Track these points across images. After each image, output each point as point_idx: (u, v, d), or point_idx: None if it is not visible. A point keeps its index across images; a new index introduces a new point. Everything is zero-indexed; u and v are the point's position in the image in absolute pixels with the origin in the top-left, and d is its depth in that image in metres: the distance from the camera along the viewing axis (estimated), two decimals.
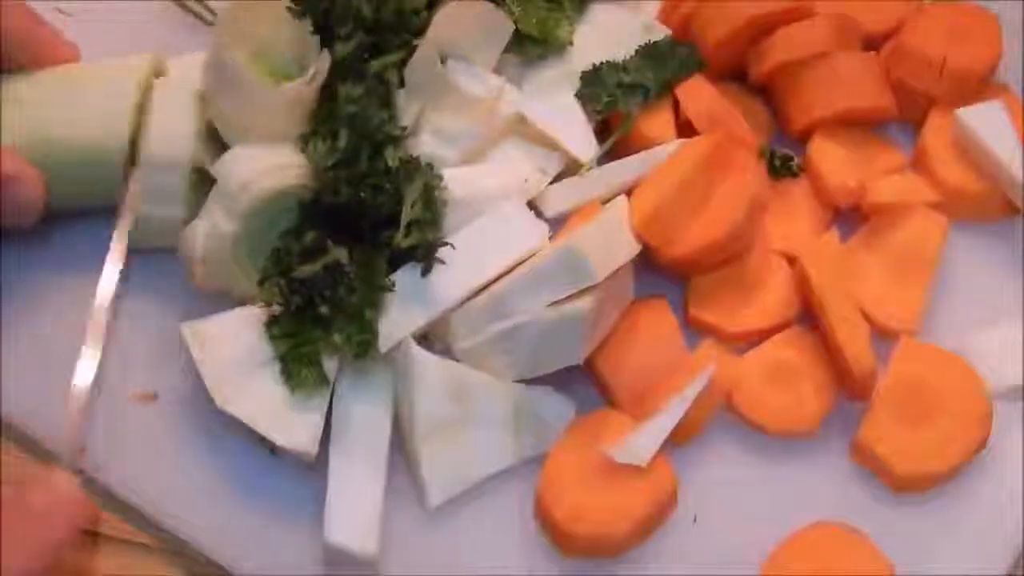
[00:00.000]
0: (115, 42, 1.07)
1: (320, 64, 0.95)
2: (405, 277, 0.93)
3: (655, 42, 1.03)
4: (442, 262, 0.92)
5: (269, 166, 0.93)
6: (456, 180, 0.95)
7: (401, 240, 0.92)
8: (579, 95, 1.02)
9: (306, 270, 0.92)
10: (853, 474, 0.94)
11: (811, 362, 0.96)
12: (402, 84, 0.98)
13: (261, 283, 0.93)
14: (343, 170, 0.92)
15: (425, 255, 0.92)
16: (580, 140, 1.01)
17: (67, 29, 1.05)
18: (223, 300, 0.96)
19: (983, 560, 0.92)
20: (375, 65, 0.96)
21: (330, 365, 0.93)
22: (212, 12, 1.10)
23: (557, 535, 0.91)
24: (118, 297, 0.98)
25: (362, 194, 0.92)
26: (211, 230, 0.93)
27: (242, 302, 0.95)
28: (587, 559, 0.91)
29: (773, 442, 0.95)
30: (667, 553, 0.92)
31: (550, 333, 0.92)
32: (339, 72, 0.95)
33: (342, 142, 0.92)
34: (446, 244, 0.93)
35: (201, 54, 0.98)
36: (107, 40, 1.07)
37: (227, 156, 0.95)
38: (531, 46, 1.02)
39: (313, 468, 0.93)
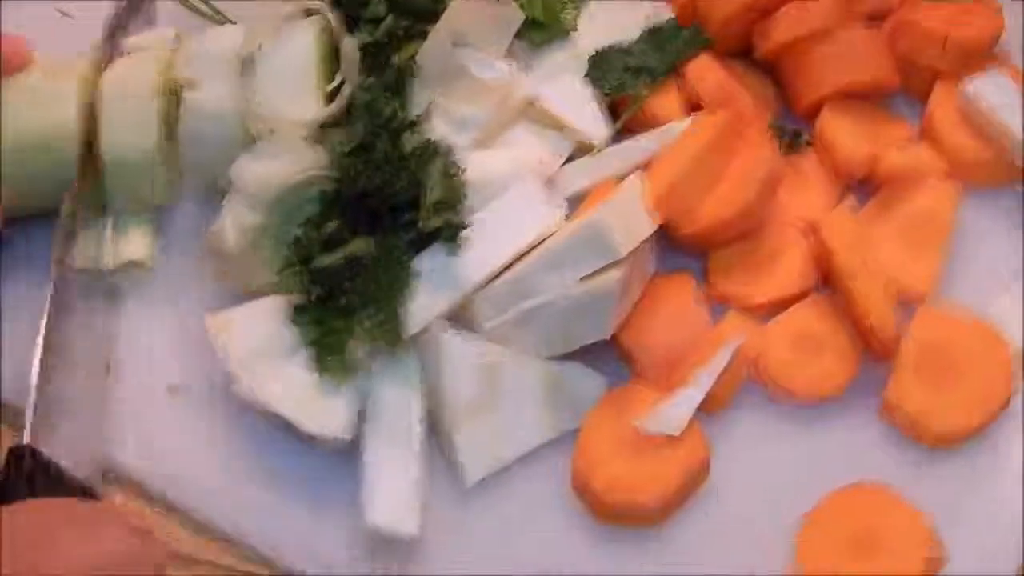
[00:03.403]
0: None
1: (350, 52, 0.97)
2: (428, 261, 0.94)
3: (660, 24, 1.05)
4: (465, 243, 0.94)
5: (287, 160, 0.95)
6: (471, 164, 0.96)
7: (427, 222, 0.93)
8: (587, 78, 1.04)
9: (327, 260, 0.93)
10: (882, 435, 0.95)
11: (834, 328, 0.97)
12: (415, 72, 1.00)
13: (281, 272, 0.95)
14: (361, 156, 0.94)
15: (450, 236, 0.94)
16: (591, 121, 1.02)
17: (69, 31, 1.07)
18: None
19: (1014, 513, 0.92)
20: (401, 56, 0.98)
21: (360, 350, 0.94)
22: (218, 12, 1.11)
23: (595, 505, 0.92)
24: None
25: (380, 180, 0.93)
26: (238, 223, 0.95)
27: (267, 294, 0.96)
28: (624, 528, 0.92)
29: (800, 408, 0.96)
30: (702, 520, 0.93)
31: (577, 309, 0.93)
32: (364, 60, 0.98)
33: (358, 130, 0.94)
34: (469, 224, 0.94)
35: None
36: None
37: (242, 159, 0.96)
38: (537, 31, 1.04)
39: (346, 453, 0.94)
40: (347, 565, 0.92)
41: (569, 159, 1.02)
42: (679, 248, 1.00)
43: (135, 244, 1.01)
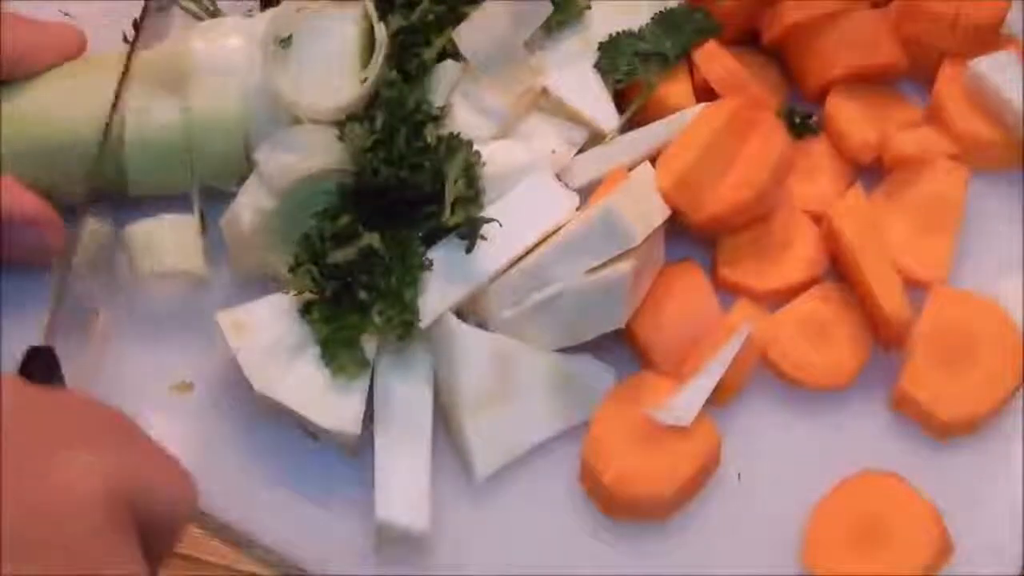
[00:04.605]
0: (119, 44, 1.06)
1: (381, 39, 0.96)
2: (441, 253, 0.94)
3: (671, 9, 1.04)
4: (484, 238, 0.93)
5: (309, 150, 0.94)
6: (487, 155, 0.96)
7: (448, 219, 0.92)
8: (598, 65, 1.03)
9: (340, 256, 0.93)
10: (893, 423, 0.95)
11: (844, 315, 0.97)
12: (440, 58, 0.99)
13: (292, 270, 0.94)
14: (381, 151, 0.92)
15: (469, 232, 0.93)
16: (602, 111, 1.01)
17: None
18: (256, 289, 0.97)
19: (1020, 504, 0.93)
20: (435, 45, 0.97)
21: (369, 345, 0.93)
22: (216, 10, 1.09)
23: (606, 499, 0.92)
24: None
25: (402, 174, 0.92)
26: (255, 206, 0.94)
27: (278, 284, 0.95)
28: (635, 522, 0.92)
29: (811, 396, 0.96)
30: (714, 511, 0.93)
31: (591, 299, 0.92)
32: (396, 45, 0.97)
33: (379, 124, 0.93)
34: (491, 220, 0.93)
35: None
36: (110, 42, 1.07)
37: (268, 142, 0.95)
38: (553, 14, 1.02)
39: (356, 449, 0.93)
40: (357, 562, 0.92)
41: (582, 148, 1.01)
42: (689, 236, 1.00)
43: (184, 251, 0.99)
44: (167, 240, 0.98)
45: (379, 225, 0.93)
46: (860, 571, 0.88)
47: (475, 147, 0.95)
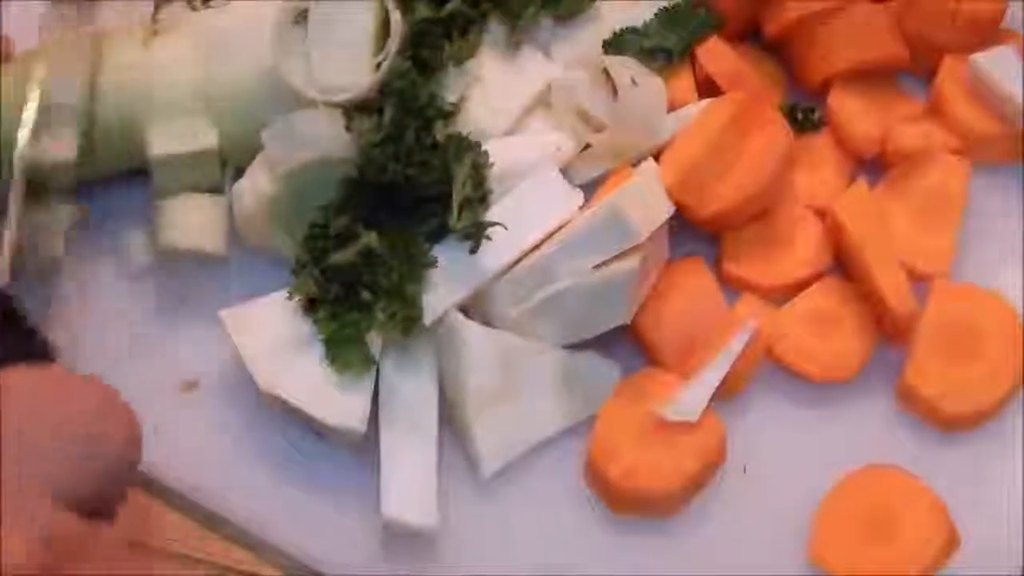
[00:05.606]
0: None
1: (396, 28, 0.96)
2: (446, 250, 0.94)
3: (674, 5, 1.04)
4: (489, 239, 0.93)
5: (314, 136, 0.94)
6: (493, 152, 0.96)
7: (455, 223, 0.92)
8: None
9: (340, 257, 0.93)
10: (898, 416, 0.96)
11: (849, 309, 0.97)
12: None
13: (295, 273, 0.94)
14: (390, 146, 0.92)
15: (474, 234, 0.93)
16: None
17: None
18: (261, 286, 0.97)
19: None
20: (466, 46, 0.98)
21: (375, 343, 0.93)
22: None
23: (612, 495, 0.92)
24: None
25: (409, 171, 0.92)
26: (256, 189, 0.94)
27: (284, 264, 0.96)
28: (642, 517, 0.92)
29: (816, 390, 0.96)
30: (720, 506, 0.93)
31: (596, 295, 0.93)
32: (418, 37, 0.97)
33: (387, 117, 0.92)
34: (496, 224, 0.93)
35: None
36: None
37: (275, 125, 0.95)
38: (564, 4, 1.03)
39: (362, 447, 0.93)
40: (363, 559, 0.92)
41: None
42: (693, 231, 1.00)
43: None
44: (194, 217, 0.99)
45: (382, 221, 0.93)
46: (868, 563, 0.89)
47: (487, 145, 0.95)
